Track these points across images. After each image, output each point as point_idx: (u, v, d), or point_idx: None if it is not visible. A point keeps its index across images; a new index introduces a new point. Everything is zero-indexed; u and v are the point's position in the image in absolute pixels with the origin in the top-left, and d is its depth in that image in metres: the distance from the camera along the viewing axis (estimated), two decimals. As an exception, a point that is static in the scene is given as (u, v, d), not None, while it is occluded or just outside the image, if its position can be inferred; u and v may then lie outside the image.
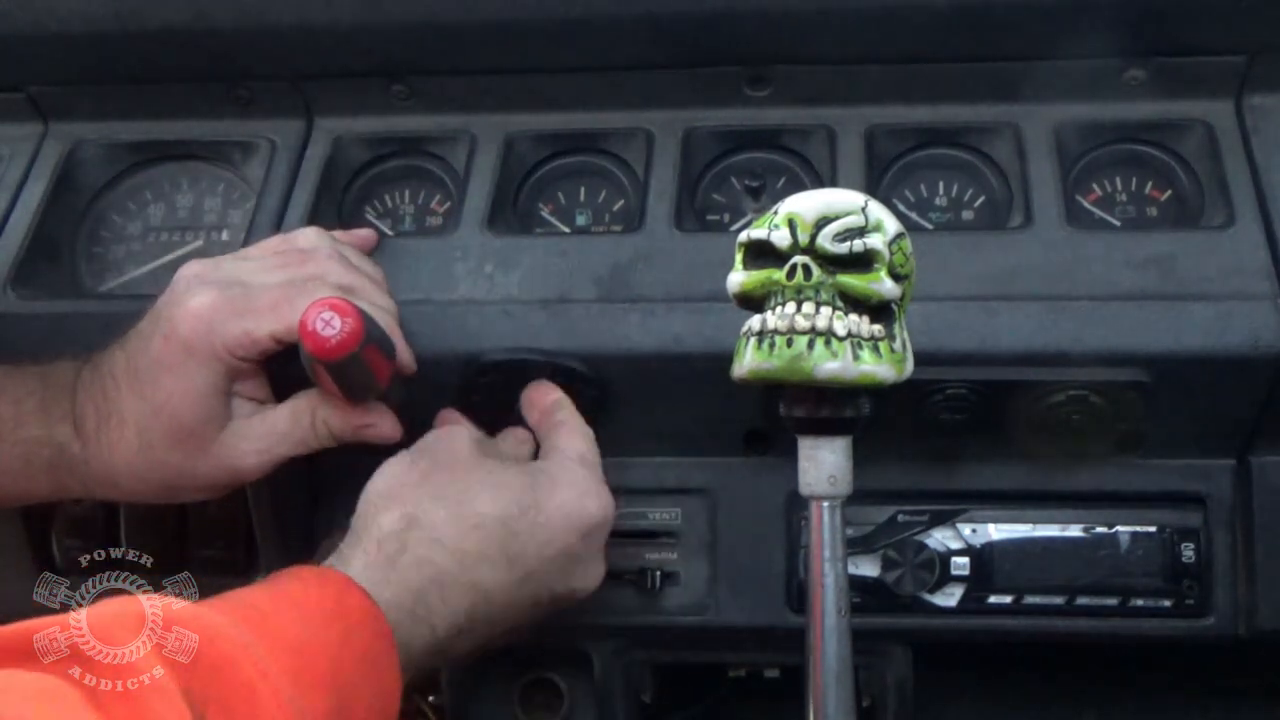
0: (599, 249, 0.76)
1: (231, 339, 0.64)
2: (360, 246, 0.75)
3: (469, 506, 0.63)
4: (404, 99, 0.83)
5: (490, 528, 0.63)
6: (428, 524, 0.62)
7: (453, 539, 0.62)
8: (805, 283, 0.56)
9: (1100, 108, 0.79)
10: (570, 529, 0.66)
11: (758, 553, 0.78)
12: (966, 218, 0.82)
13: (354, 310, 0.60)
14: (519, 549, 0.64)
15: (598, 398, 0.74)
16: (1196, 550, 0.75)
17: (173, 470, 0.67)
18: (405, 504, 0.63)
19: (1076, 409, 0.71)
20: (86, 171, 0.86)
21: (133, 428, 0.66)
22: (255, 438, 0.67)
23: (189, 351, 0.64)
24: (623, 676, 0.84)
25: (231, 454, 0.67)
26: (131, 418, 0.66)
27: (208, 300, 0.65)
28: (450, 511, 0.63)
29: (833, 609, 0.58)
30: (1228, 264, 0.71)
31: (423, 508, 0.63)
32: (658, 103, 0.82)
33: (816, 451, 0.58)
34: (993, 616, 0.77)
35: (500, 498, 0.64)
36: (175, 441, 0.66)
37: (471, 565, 0.62)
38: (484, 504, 0.64)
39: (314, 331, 0.59)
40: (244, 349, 0.65)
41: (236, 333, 0.64)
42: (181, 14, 0.78)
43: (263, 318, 0.64)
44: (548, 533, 0.65)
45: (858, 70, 0.79)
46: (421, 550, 0.61)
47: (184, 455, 0.66)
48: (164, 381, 0.65)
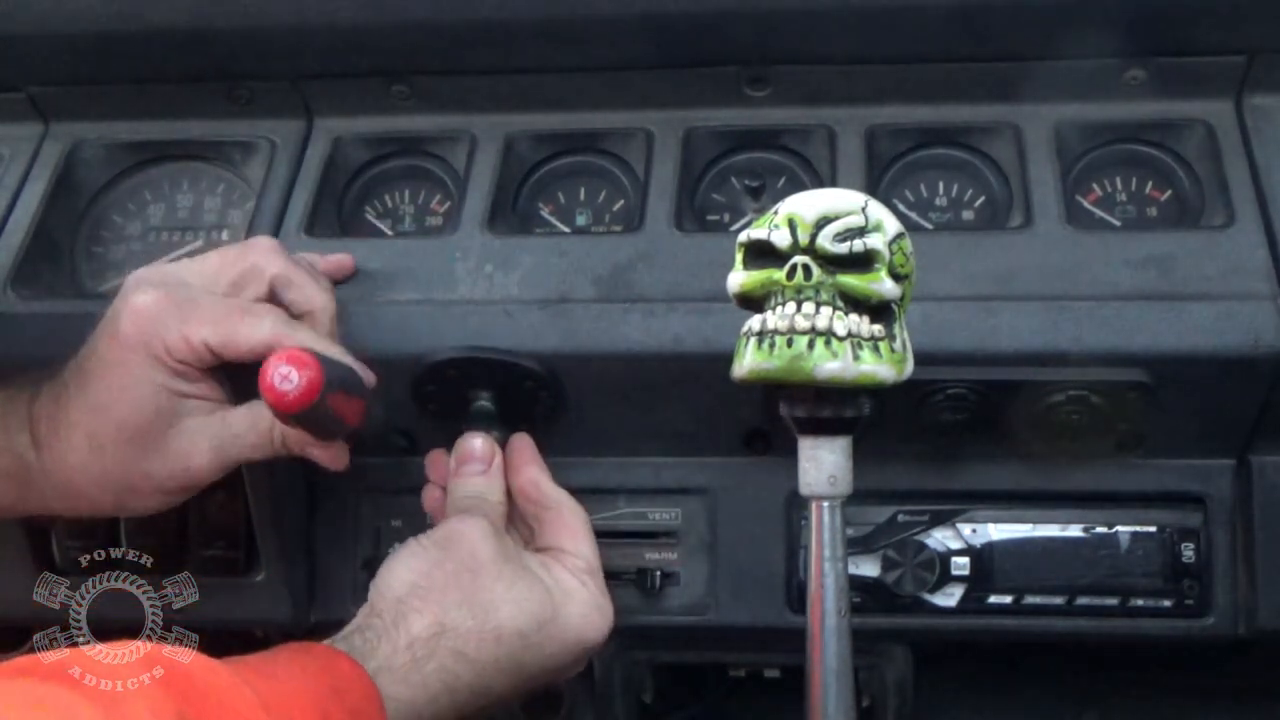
0: (599, 249, 0.76)
1: (170, 341, 0.64)
2: (334, 272, 0.75)
3: (493, 620, 0.64)
4: (404, 99, 0.83)
5: (510, 641, 0.64)
6: (454, 634, 0.62)
7: (474, 651, 0.63)
8: (805, 283, 0.56)
9: (1100, 108, 0.79)
10: (579, 644, 0.67)
11: (758, 553, 0.78)
12: (966, 218, 0.82)
13: (312, 360, 0.59)
14: (530, 660, 0.65)
15: (552, 403, 0.74)
16: (1196, 550, 0.75)
17: (124, 471, 0.66)
18: (435, 609, 0.63)
19: (1076, 409, 0.71)
20: (86, 171, 0.86)
21: (82, 430, 0.65)
22: (208, 437, 0.67)
23: (130, 349, 0.64)
24: (623, 676, 0.84)
25: (183, 453, 0.66)
26: (80, 420, 0.65)
27: (149, 299, 0.65)
28: (476, 623, 0.63)
29: (833, 609, 0.58)
30: (1228, 264, 0.71)
31: (450, 616, 0.63)
32: (658, 103, 0.82)
33: (816, 451, 0.58)
34: (993, 616, 0.77)
35: (521, 612, 0.65)
36: (123, 440, 0.65)
37: (487, 675, 0.63)
38: (506, 617, 0.64)
39: (272, 385, 0.59)
40: (181, 353, 0.64)
41: (175, 336, 0.64)
42: (181, 14, 0.78)
43: (202, 326, 0.64)
44: (558, 646, 0.66)
45: (858, 70, 0.79)
46: (448, 661, 0.62)
47: (133, 455, 0.65)
48: (108, 380, 0.65)
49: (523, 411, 0.75)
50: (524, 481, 0.73)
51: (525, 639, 0.65)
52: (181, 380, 0.65)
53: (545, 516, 0.72)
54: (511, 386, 0.74)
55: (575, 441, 0.78)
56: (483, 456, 0.72)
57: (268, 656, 0.57)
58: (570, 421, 0.77)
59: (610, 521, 0.80)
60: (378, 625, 0.62)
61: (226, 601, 0.79)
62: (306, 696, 0.53)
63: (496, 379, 0.73)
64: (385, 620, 0.62)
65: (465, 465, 0.72)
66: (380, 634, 0.61)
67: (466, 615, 0.63)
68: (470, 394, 0.74)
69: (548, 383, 0.73)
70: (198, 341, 0.64)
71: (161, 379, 0.65)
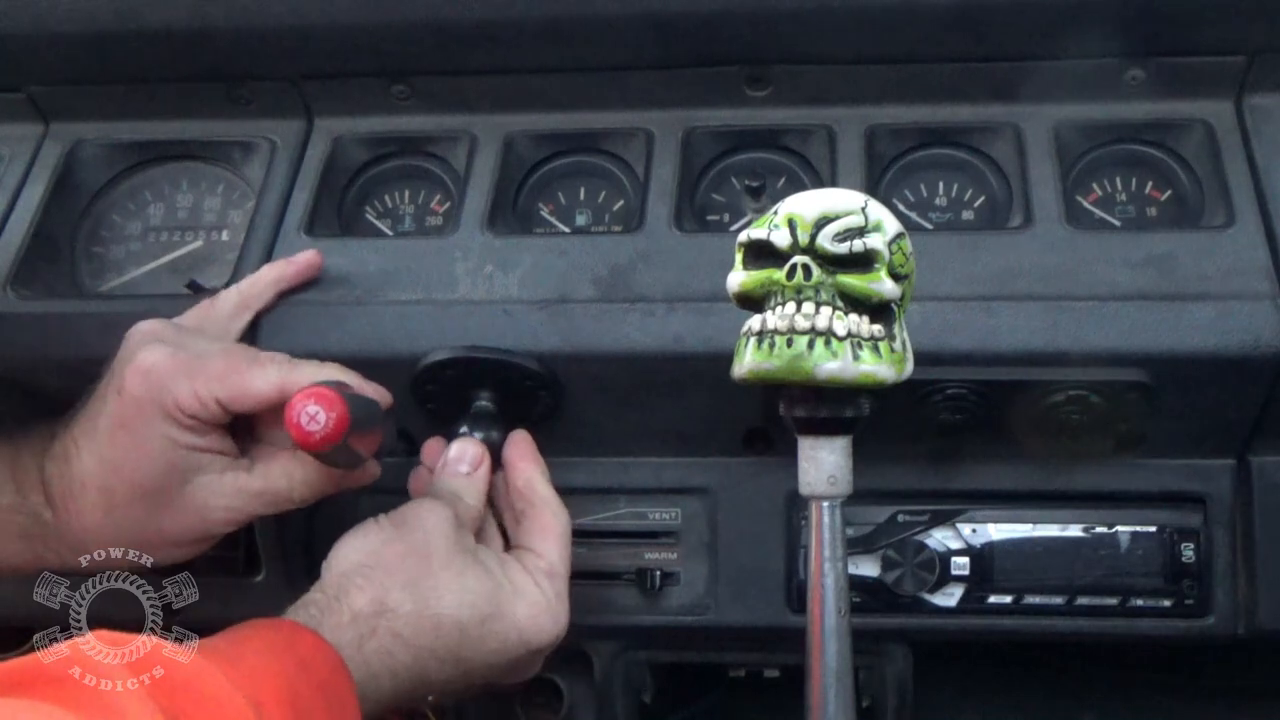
0: (599, 249, 0.76)
1: (182, 398, 0.64)
2: (304, 274, 0.76)
3: (433, 606, 0.64)
4: (404, 99, 0.83)
5: (448, 631, 0.64)
6: (393, 615, 0.62)
7: (412, 635, 0.63)
8: (805, 283, 0.56)
9: (1100, 108, 0.79)
10: (522, 644, 0.66)
11: (758, 553, 0.78)
12: (966, 218, 0.82)
13: (339, 399, 0.60)
14: (469, 654, 0.65)
15: (551, 403, 0.74)
16: (1196, 550, 0.76)
17: (139, 528, 0.66)
18: (377, 588, 0.63)
19: (1076, 409, 0.71)
20: (86, 171, 0.86)
21: (94, 490, 0.65)
22: (225, 494, 0.66)
23: (140, 408, 0.64)
24: (623, 676, 0.84)
25: (200, 510, 0.66)
26: (93, 480, 0.65)
27: (157, 357, 0.65)
28: (415, 607, 0.63)
29: (833, 609, 0.58)
30: (1228, 264, 0.71)
31: (391, 597, 0.63)
32: (658, 103, 0.82)
33: (816, 451, 0.58)
34: (993, 616, 0.77)
35: (463, 603, 0.64)
36: (137, 498, 0.65)
37: (424, 661, 0.63)
38: (447, 606, 0.64)
39: (299, 424, 0.59)
40: (193, 409, 0.64)
41: (185, 393, 0.64)
42: (181, 14, 0.78)
43: (211, 382, 0.64)
44: (499, 643, 0.66)
45: (858, 70, 0.79)
46: (386, 641, 0.62)
47: (148, 512, 0.65)
48: (119, 439, 0.64)
49: (522, 411, 0.75)
50: (518, 477, 0.73)
51: (464, 631, 0.64)
52: (193, 434, 0.65)
53: (529, 514, 0.72)
54: (511, 386, 0.73)
55: (576, 441, 0.79)
56: (471, 460, 0.72)
57: (235, 638, 0.56)
58: (571, 421, 0.77)
59: (610, 521, 0.80)
60: (320, 600, 0.62)
61: (226, 601, 0.79)
62: (277, 676, 0.54)
63: (496, 378, 0.73)
64: (329, 595, 0.62)
65: (453, 464, 0.72)
66: (324, 608, 0.61)
67: (407, 598, 0.63)
68: (470, 394, 0.74)
69: (547, 382, 0.73)
70: (208, 397, 0.64)
71: (173, 435, 0.64)
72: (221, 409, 0.65)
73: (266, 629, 0.58)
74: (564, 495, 0.76)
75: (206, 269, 0.84)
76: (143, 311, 0.70)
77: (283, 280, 0.75)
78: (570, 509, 0.72)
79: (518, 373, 0.73)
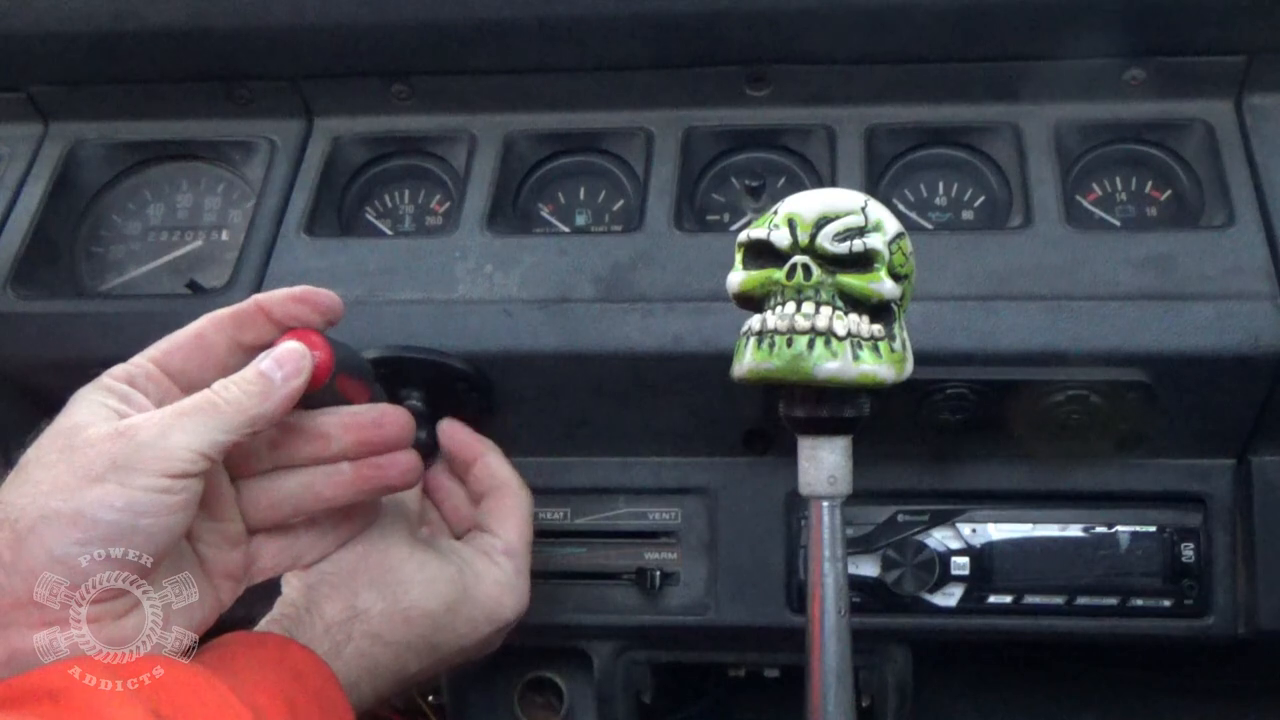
0: (599, 249, 0.76)
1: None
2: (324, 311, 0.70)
3: (404, 601, 0.64)
4: (404, 99, 0.83)
5: (419, 621, 0.64)
6: (366, 617, 0.63)
7: (388, 633, 0.63)
8: (805, 282, 0.56)
9: (1100, 108, 0.79)
10: (489, 623, 0.68)
11: (758, 553, 0.78)
12: (966, 218, 0.82)
13: (321, 340, 0.59)
14: (441, 640, 0.65)
15: (483, 404, 0.74)
16: (1196, 550, 0.76)
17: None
18: (346, 592, 0.63)
19: (1076, 409, 0.71)
20: (86, 171, 0.86)
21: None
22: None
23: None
24: (623, 676, 0.84)
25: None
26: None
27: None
28: (386, 605, 0.64)
29: (833, 609, 0.58)
30: (1228, 264, 0.71)
31: (362, 599, 0.63)
32: (658, 103, 0.82)
33: (816, 451, 0.58)
34: (993, 616, 0.77)
35: (429, 594, 0.65)
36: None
37: (401, 654, 0.64)
38: (415, 598, 0.65)
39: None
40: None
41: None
42: (180, 14, 0.78)
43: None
44: (469, 626, 0.67)
45: (858, 70, 0.79)
46: (364, 644, 0.62)
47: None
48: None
49: (453, 412, 0.75)
50: (473, 460, 0.73)
51: (435, 620, 0.65)
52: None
53: (491, 495, 0.72)
54: (441, 386, 0.73)
55: (575, 441, 0.79)
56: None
57: (223, 653, 0.56)
58: (571, 421, 0.77)
59: (610, 521, 0.80)
60: (291, 613, 0.62)
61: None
62: (274, 685, 0.54)
63: (426, 378, 0.73)
64: (298, 607, 0.62)
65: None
66: (296, 620, 0.61)
67: (377, 597, 0.63)
68: (402, 393, 0.74)
69: (478, 383, 0.73)
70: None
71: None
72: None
73: (254, 642, 0.58)
74: (564, 495, 0.76)
75: (206, 269, 0.84)
76: (142, 311, 0.70)
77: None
78: (570, 509, 0.72)
79: (448, 373, 0.73)
